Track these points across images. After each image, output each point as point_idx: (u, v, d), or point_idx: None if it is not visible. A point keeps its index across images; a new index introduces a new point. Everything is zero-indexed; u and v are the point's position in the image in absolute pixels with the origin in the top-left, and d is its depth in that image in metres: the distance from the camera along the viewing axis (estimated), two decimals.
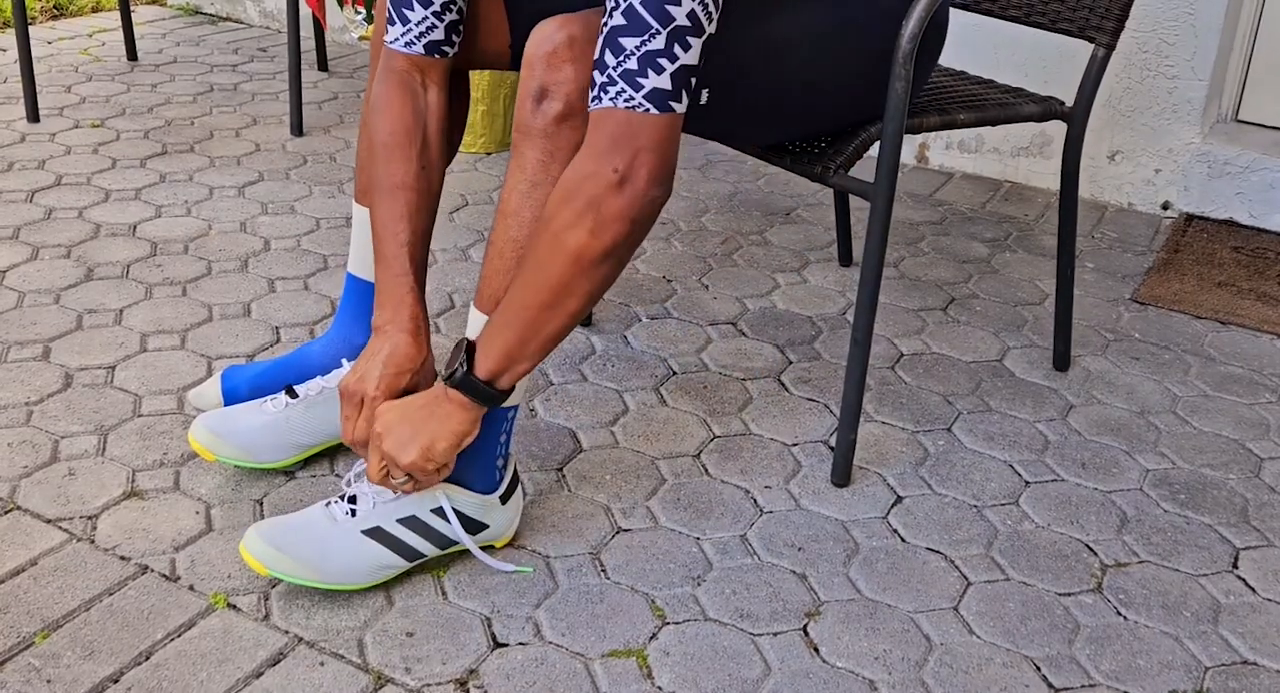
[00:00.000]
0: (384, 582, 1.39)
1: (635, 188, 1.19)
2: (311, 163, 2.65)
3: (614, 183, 1.18)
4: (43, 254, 2.16)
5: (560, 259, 1.21)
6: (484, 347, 1.29)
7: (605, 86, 1.18)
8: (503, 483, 1.43)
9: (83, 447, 1.62)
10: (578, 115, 1.26)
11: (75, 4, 3.79)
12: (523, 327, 1.26)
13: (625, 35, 1.16)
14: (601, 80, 1.19)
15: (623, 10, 1.16)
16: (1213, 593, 1.47)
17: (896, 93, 1.46)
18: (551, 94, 1.26)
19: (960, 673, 1.32)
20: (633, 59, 1.17)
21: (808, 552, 1.50)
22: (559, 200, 1.21)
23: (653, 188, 1.20)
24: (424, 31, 1.41)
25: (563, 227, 1.20)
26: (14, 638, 1.30)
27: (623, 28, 1.16)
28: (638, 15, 1.16)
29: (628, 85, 1.17)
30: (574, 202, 1.20)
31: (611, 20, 1.18)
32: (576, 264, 1.21)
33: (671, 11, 1.15)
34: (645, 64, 1.16)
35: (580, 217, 1.19)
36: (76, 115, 2.86)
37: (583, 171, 1.19)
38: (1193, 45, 2.48)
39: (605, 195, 1.19)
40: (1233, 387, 1.94)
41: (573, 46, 1.24)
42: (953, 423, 1.80)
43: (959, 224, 2.53)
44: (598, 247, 1.20)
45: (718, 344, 1.99)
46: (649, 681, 1.29)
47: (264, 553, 1.34)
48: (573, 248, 1.20)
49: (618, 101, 1.18)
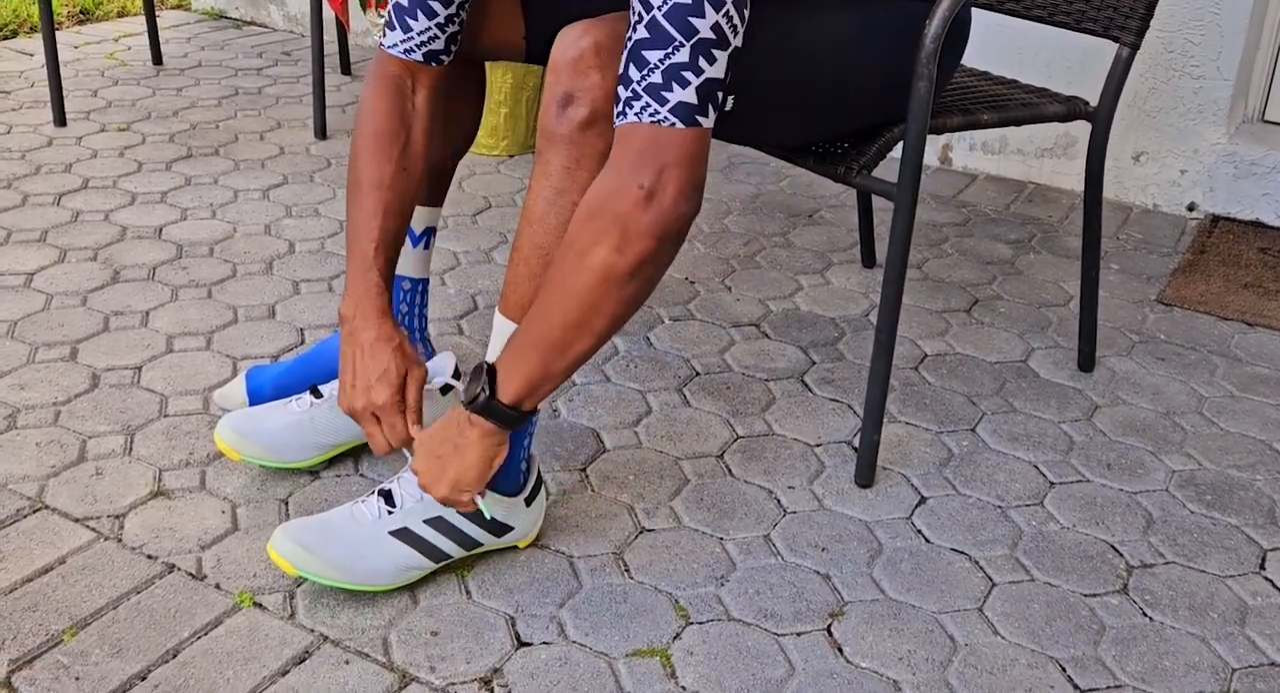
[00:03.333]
0: (409, 583, 1.39)
1: (662, 204, 1.16)
2: (335, 165, 2.67)
3: (641, 198, 1.16)
4: (70, 256, 2.18)
5: (586, 277, 1.19)
6: (507, 371, 1.27)
7: (630, 101, 1.16)
8: (527, 485, 1.43)
9: (110, 447, 1.64)
10: (603, 121, 1.26)
11: (101, 9, 3.82)
12: (548, 348, 1.24)
13: (649, 48, 1.15)
14: (626, 95, 1.17)
15: (646, 23, 1.15)
16: (1239, 594, 1.46)
17: (920, 93, 1.46)
18: (577, 100, 1.25)
19: (985, 674, 1.32)
20: (657, 73, 1.15)
21: (831, 552, 1.50)
22: (584, 217, 1.18)
23: (680, 203, 1.17)
24: (425, 41, 1.42)
25: (588, 244, 1.18)
26: (42, 636, 1.31)
27: (646, 41, 1.15)
28: (661, 28, 1.14)
29: (653, 99, 1.15)
30: (599, 218, 1.17)
31: (635, 34, 1.16)
32: (603, 283, 1.18)
33: (695, 24, 1.13)
34: (670, 77, 1.15)
35: (605, 233, 1.17)
36: (103, 119, 2.88)
37: (608, 187, 1.17)
38: (1218, 45, 2.47)
39: (632, 211, 1.16)
40: (1259, 388, 1.92)
41: (599, 53, 1.24)
42: (977, 424, 1.79)
43: (983, 225, 2.52)
44: (624, 264, 1.18)
45: (740, 345, 1.99)
46: (672, 680, 1.29)
47: (292, 553, 1.34)
48: (599, 265, 1.18)
49: (643, 116, 1.16)
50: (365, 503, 1.39)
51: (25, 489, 1.54)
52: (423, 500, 1.38)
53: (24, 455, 1.61)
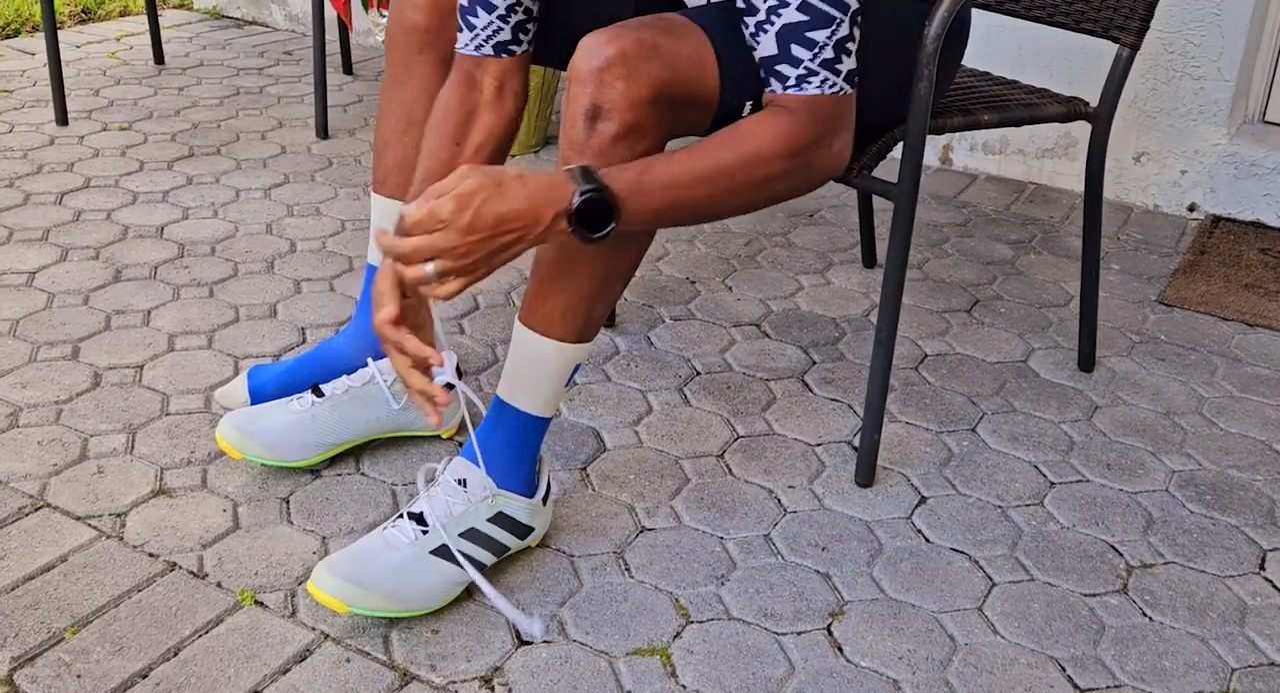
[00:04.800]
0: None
1: (842, 157, 1.31)
2: (337, 165, 2.67)
3: (831, 158, 1.29)
4: (72, 255, 2.18)
5: (753, 180, 1.25)
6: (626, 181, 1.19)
7: (806, 77, 1.25)
8: (541, 486, 1.44)
9: (111, 445, 1.64)
10: (632, 134, 1.25)
11: (103, 8, 3.82)
12: (676, 188, 1.21)
13: (812, 29, 1.23)
14: (798, 72, 1.25)
15: (797, 6, 1.22)
16: (1239, 595, 1.46)
17: (920, 93, 1.46)
18: (605, 114, 1.24)
19: (985, 673, 1.32)
20: (828, 48, 1.24)
21: (831, 552, 1.50)
22: (782, 150, 1.25)
23: (848, 154, 1.32)
24: (490, 34, 1.45)
25: (775, 169, 1.25)
26: (44, 634, 1.31)
27: (805, 23, 1.23)
28: (818, 10, 1.23)
29: (829, 72, 1.25)
30: (795, 158, 1.26)
31: (781, 18, 1.23)
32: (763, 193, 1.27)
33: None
34: (839, 51, 1.25)
35: (794, 169, 1.26)
36: (104, 118, 2.89)
37: (809, 139, 1.26)
38: (1219, 45, 2.47)
39: (823, 164, 1.28)
40: (1259, 388, 1.93)
41: (625, 62, 1.23)
42: (977, 424, 1.79)
43: (983, 225, 2.52)
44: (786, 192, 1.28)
45: (741, 345, 1.99)
46: (673, 679, 1.29)
47: (341, 591, 1.30)
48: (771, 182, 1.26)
49: (824, 89, 1.26)
50: (397, 527, 1.37)
51: (27, 487, 1.55)
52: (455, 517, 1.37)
53: (26, 454, 1.61)
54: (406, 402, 1.62)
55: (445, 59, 1.58)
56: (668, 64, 1.24)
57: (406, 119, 1.59)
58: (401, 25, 1.57)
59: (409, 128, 1.59)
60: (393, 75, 1.60)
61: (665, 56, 1.25)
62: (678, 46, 1.26)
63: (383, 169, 1.62)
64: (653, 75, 1.23)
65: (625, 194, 1.18)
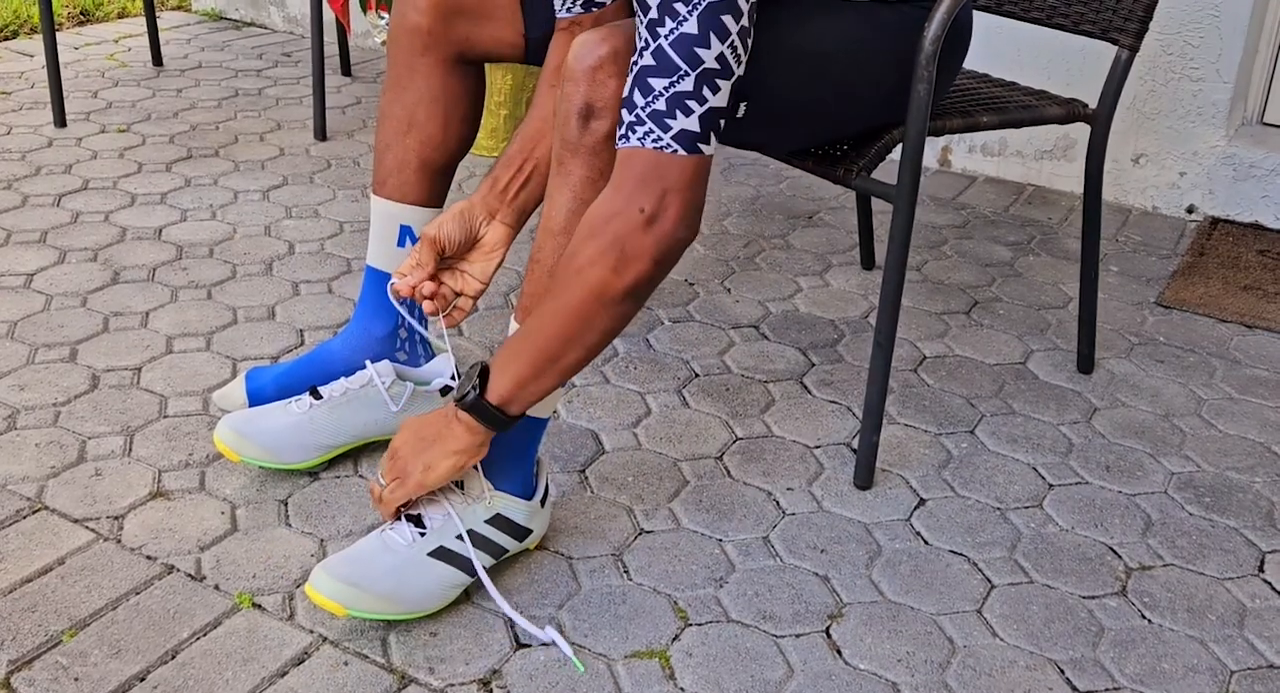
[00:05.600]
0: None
1: (662, 228, 1.20)
2: (335, 167, 2.67)
3: (641, 222, 1.19)
4: (70, 257, 2.18)
5: (581, 293, 1.21)
6: (498, 372, 1.28)
7: (633, 125, 1.19)
8: (539, 488, 1.44)
9: (109, 447, 1.64)
10: None
11: (101, 10, 3.82)
12: (537, 355, 1.26)
13: (654, 76, 1.18)
14: (630, 119, 1.19)
15: (652, 51, 1.18)
16: (1238, 597, 1.46)
17: (919, 95, 1.46)
18: (598, 112, 1.25)
19: (984, 676, 1.32)
20: (661, 100, 1.18)
21: (830, 554, 1.50)
22: (584, 235, 1.21)
23: (680, 228, 1.21)
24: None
25: (586, 262, 1.20)
26: (42, 636, 1.31)
27: (652, 68, 1.18)
28: (667, 57, 1.17)
29: (656, 125, 1.18)
30: (599, 238, 1.20)
31: (641, 60, 1.19)
32: (598, 300, 1.21)
33: (701, 54, 1.17)
34: (674, 105, 1.18)
35: (603, 254, 1.20)
36: (103, 120, 2.88)
37: (609, 209, 1.20)
38: (1218, 47, 2.47)
39: (631, 234, 1.19)
40: (1258, 390, 1.93)
41: (616, 60, 1.24)
42: (976, 426, 1.79)
43: (982, 227, 2.52)
44: (619, 284, 1.21)
45: (740, 347, 1.99)
46: (671, 682, 1.29)
47: (339, 593, 1.30)
48: (594, 283, 1.20)
49: (645, 141, 1.19)
50: (395, 529, 1.37)
51: (25, 490, 1.54)
52: (450, 517, 1.37)
53: (23, 456, 1.61)
54: (405, 404, 1.61)
55: (447, 61, 1.58)
56: None
57: (408, 121, 1.59)
58: (404, 27, 1.57)
59: (410, 130, 1.59)
60: (394, 77, 1.60)
61: None
62: None
63: (383, 171, 1.62)
64: None
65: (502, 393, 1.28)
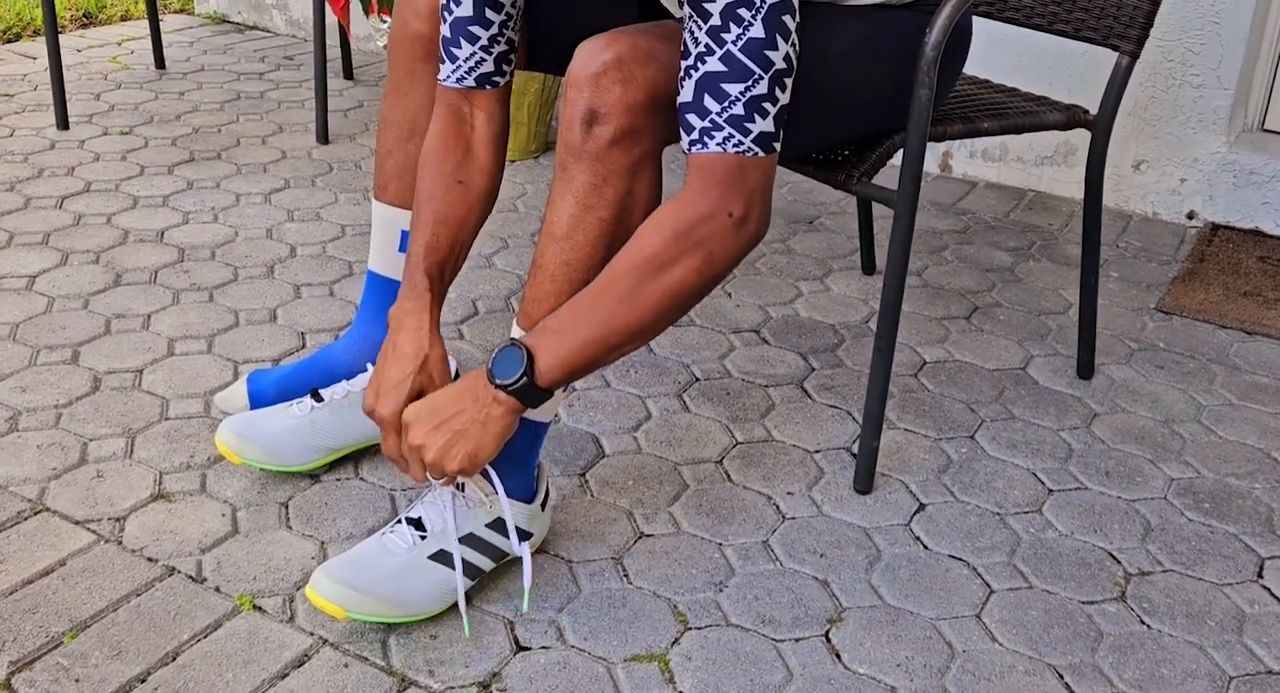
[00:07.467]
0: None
1: (749, 230, 1.23)
2: (337, 170, 2.67)
3: (732, 226, 1.22)
4: (72, 259, 2.18)
5: (660, 290, 1.22)
6: (549, 358, 1.26)
7: (709, 131, 1.21)
8: (540, 492, 1.44)
9: (111, 449, 1.64)
10: (628, 137, 1.26)
11: (104, 12, 3.83)
12: (597, 345, 1.25)
13: (727, 81, 1.19)
14: (703, 124, 1.21)
15: (720, 57, 1.19)
16: (1237, 603, 1.46)
17: (920, 100, 1.47)
18: (602, 117, 1.25)
19: (982, 681, 1.32)
20: (739, 105, 1.20)
21: (830, 558, 1.50)
22: (667, 236, 1.22)
23: (762, 227, 1.25)
24: (473, 66, 1.43)
25: (669, 261, 1.22)
26: (43, 638, 1.31)
27: (724, 74, 1.19)
28: (739, 62, 1.19)
29: (736, 130, 1.20)
30: (685, 240, 1.21)
31: (704, 66, 1.20)
32: (676, 297, 1.23)
33: (771, 57, 1.19)
34: (751, 109, 1.20)
35: (688, 254, 1.21)
36: (105, 122, 2.89)
37: (695, 213, 1.21)
38: (1218, 53, 2.47)
39: (723, 238, 1.22)
40: (1258, 396, 1.93)
41: (620, 67, 1.24)
42: (976, 431, 1.79)
43: (982, 232, 2.52)
44: (700, 283, 1.23)
45: (740, 351, 1.99)
46: (671, 686, 1.29)
47: (340, 596, 1.30)
48: (677, 281, 1.22)
49: (726, 146, 1.21)
50: (395, 532, 1.37)
51: (26, 491, 1.55)
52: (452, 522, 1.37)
53: (25, 458, 1.61)
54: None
55: None
56: (664, 68, 1.25)
57: (410, 127, 1.59)
58: (405, 33, 1.57)
59: (412, 135, 1.59)
60: (395, 83, 1.60)
61: (661, 61, 1.26)
62: (674, 52, 1.27)
63: (384, 176, 1.62)
64: (649, 80, 1.25)
65: (555, 378, 1.26)
